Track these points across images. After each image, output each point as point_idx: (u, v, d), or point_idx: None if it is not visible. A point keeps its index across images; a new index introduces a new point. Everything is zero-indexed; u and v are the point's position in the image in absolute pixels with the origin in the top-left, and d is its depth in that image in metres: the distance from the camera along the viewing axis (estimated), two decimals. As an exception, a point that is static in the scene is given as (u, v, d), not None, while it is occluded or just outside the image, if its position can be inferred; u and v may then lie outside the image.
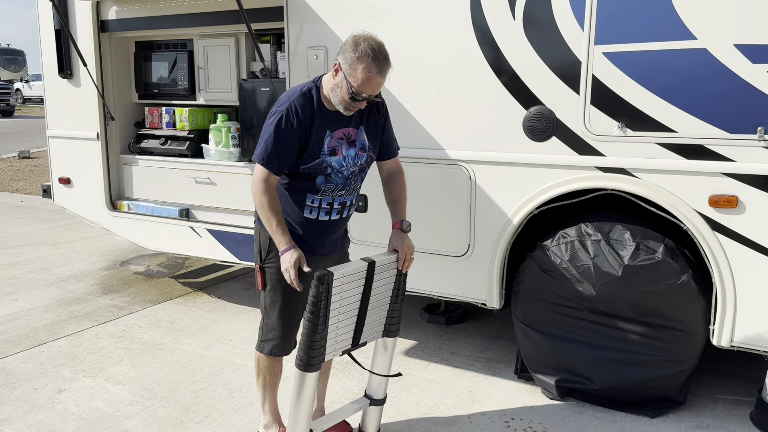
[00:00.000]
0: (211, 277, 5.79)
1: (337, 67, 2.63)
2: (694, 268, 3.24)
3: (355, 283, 2.68)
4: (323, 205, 2.82)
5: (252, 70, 4.67)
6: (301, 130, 2.65)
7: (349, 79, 2.59)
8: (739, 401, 3.50)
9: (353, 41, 2.60)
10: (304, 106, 2.66)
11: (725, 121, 2.99)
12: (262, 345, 2.95)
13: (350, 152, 2.79)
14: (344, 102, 2.66)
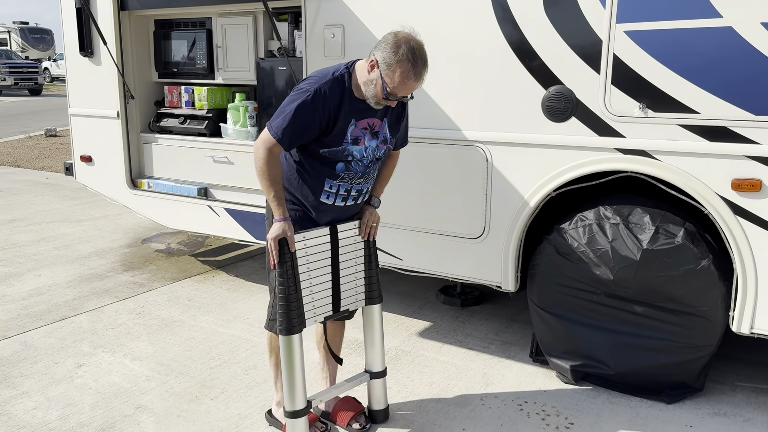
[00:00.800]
0: (229, 256, 5.83)
1: (374, 64, 2.58)
2: (715, 253, 3.17)
3: (321, 247, 2.86)
4: (341, 192, 2.81)
5: (270, 49, 4.65)
6: (324, 115, 2.61)
7: (386, 79, 2.57)
8: (759, 389, 3.44)
9: (394, 41, 2.56)
10: (333, 91, 2.62)
11: (750, 102, 2.90)
12: (271, 324, 2.94)
13: (372, 143, 2.78)
14: (376, 98, 2.65)
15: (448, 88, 3.62)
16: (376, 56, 2.58)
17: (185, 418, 3.17)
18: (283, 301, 2.71)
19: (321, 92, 2.59)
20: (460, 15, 3.52)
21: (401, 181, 3.80)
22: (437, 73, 3.62)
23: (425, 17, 3.62)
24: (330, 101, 2.61)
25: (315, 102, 2.58)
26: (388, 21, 3.74)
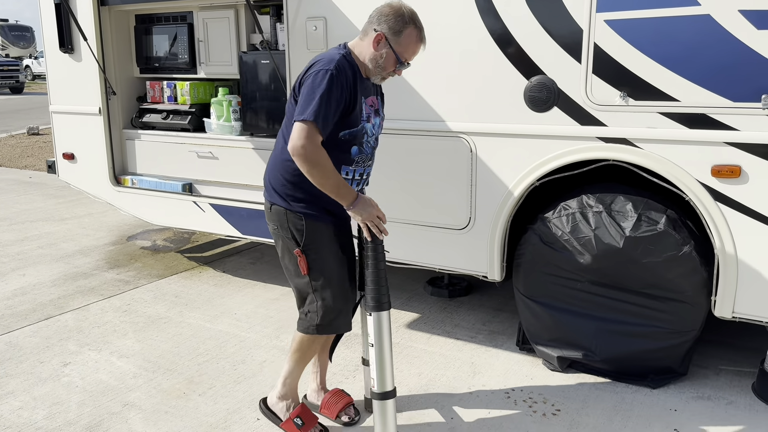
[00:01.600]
0: (216, 252, 5.82)
1: (381, 37, 2.57)
2: (696, 239, 3.20)
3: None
4: (356, 177, 2.76)
5: (252, 42, 4.63)
6: (347, 91, 2.56)
7: (397, 48, 2.59)
8: (742, 372, 3.49)
9: (395, 11, 2.59)
10: (348, 68, 2.58)
11: (729, 89, 2.93)
12: (321, 328, 2.81)
13: (376, 120, 2.81)
14: (385, 72, 2.66)
15: (431, 80, 3.62)
16: (379, 29, 2.57)
17: (173, 415, 3.17)
18: (375, 276, 2.64)
19: (341, 69, 2.53)
20: (441, 6, 3.52)
21: (387, 173, 3.81)
22: (420, 65, 3.62)
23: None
24: (349, 78, 2.56)
25: (340, 78, 2.51)
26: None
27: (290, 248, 2.76)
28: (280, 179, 2.74)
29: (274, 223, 2.79)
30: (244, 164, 4.64)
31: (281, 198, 2.73)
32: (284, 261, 2.86)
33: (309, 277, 2.76)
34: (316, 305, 2.80)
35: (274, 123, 4.46)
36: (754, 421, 3.03)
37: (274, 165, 2.78)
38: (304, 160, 2.48)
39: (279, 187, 2.74)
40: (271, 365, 3.66)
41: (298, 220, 2.71)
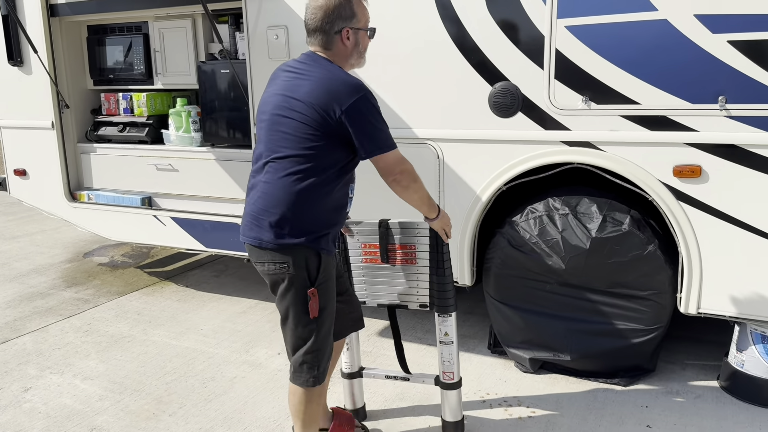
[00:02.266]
0: (178, 266, 5.69)
1: (346, 32, 2.47)
2: (660, 238, 3.28)
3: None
4: (352, 194, 2.69)
5: (210, 51, 4.55)
6: None
7: (360, 25, 2.52)
8: (707, 366, 3.59)
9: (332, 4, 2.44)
10: None
11: (687, 91, 3.01)
12: (316, 378, 2.57)
13: None
14: (364, 51, 2.59)
15: (397, 88, 3.62)
16: (343, 25, 2.46)
17: (144, 436, 3.08)
18: (448, 279, 2.85)
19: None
20: (403, 14, 3.53)
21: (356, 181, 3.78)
22: (385, 73, 3.62)
23: (371, 18, 3.61)
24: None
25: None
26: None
27: (300, 288, 2.47)
28: (294, 212, 2.41)
29: (282, 261, 2.45)
30: (205, 176, 4.55)
31: (297, 232, 2.43)
32: (285, 303, 2.51)
33: (317, 320, 2.51)
34: (312, 355, 2.54)
35: (235, 133, 4.40)
36: (721, 414, 3.12)
37: (282, 198, 2.41)
38: (412, 178, 2.52)
39: (294, 222, 2.42)
40: (242, 381, 3.59)
41: (315, 256, 2.47)
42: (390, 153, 2.45)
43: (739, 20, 2.84)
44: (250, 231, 2.49)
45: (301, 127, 2.38)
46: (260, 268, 2.52)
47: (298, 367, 2.57)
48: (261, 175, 2.47)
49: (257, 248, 2.48)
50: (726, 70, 2.90)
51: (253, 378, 3.62)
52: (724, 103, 2.94)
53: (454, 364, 2.91)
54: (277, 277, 2.48)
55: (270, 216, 2.41)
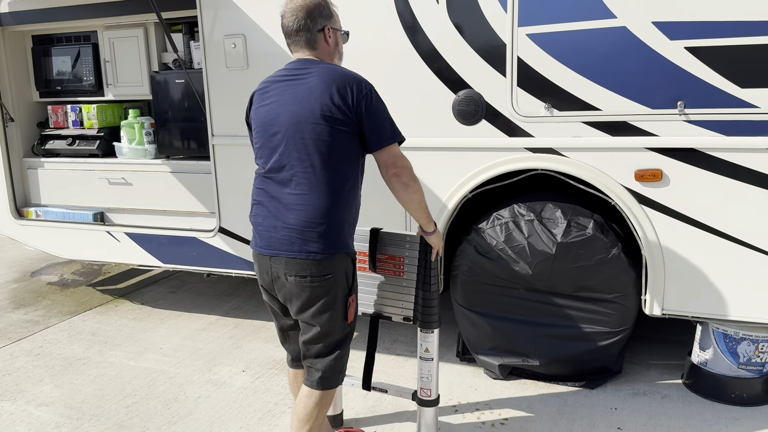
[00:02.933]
0: (132, 283, 5.50)
1: (328, 31, 2.52)
2: (623, 241, 3.34)
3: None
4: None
5: (164, 61, 4.43)
6: None
7: (338, 27, 2.59)
8: (670, 365, 3.66)
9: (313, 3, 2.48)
10: None
11: (647, 97, 3.08)
12: (342, 377, 2.65)
13: None
14: (342, 54, 2.66)
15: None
16: (326, 24, 2.51)
17: (106, 464, 2.94)
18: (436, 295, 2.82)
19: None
20: (366, 23, 3.50)
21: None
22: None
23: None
24: None
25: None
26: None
27: (342, 297, 2.49)
28: (340, 220, 2.44)
29: (328, 273, 2.43)
30: (160, 189, 4.42)
31: (341, 241, 2.45)
32: (325, 314, 2.47)
33: (352, 323, 2.58)
34: (345, 354, 2.62)
35: (191, 144, 4.28)
36: (688, 412, 3.18)
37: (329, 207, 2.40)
38: (412, 177, 2.49)
39: (338, 230, 2.44)
40: (207, 401, 3.48)
41: (351, 263, 2.54)
42: (397, 145, 2.48)
43: (695, 27, 2.91)
44: (292, 245, 2.41)
45: (326, 130, 2.37)
46: (298, 281, 2.43)
47: (328, 371, 2.57)
48: (289, 188, 2.43)
49: (301, 260, 2.41)
50: (684, 76, 2.98)
51: (218, 397, 3.51)
52: (683, 108, 3.01)
53: (432, 380, 2.87)
54: (321, 289, 2.44)
55: (318, 227, 2.39)
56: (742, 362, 3.20)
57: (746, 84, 2.89)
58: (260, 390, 3.57)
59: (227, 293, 5.13)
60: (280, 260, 2.45)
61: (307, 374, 2.62)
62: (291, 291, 2.48)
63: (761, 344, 3.17)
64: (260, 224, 2.51)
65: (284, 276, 2.46)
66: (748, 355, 3.18)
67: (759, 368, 3.21)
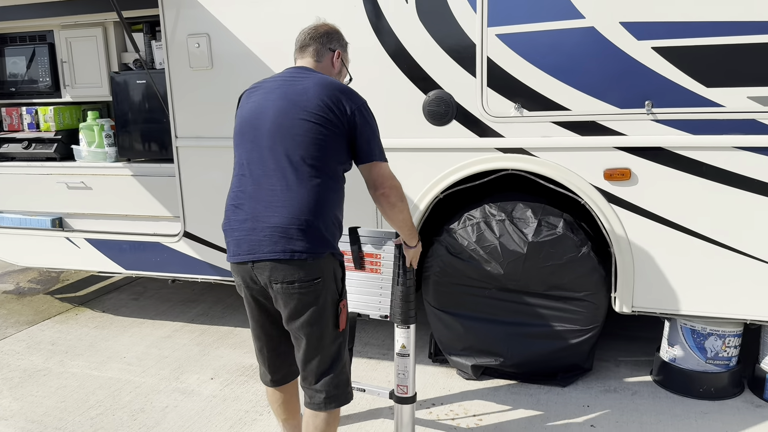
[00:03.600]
0: (92, 290, 5.33)
1: (339, 55, 2.59)
2: (593, 239, 3.37)
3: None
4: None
5: (124, 61, 4.30)
6: None
7: (346, 63, 2.66)
8: (640, 362, 3.71)
9: (336, 30, 2.61)
10: None
11: (615, 96, 3.11)
12: (348, 395, 2.47)
13: None
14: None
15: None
16: (334, 47, 2.58)
17: (71, 480, 2.83)
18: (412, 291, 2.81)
19: None
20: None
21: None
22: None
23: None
24: None
25: None
26: (259, 28, 3.60)
27: (331, 303, 2.36)
28: (324, 218, 2.31)
29: (315, 276, 2.29)
30: (122, 193, 4.29)
31: (327, 241, 2.33)
32: (316, 323, 2.33)
33: (344, 331, 2.41)
34: (344, 366, 2.45)
35: (153, 147, 4.17)
36: (658, 408, 3.23)
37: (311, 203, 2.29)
38: (400, 196, 2.47)
39: (324, 229, 2.31)
40: (175, 410, 3.38)
41: (339, 266, 2.41)
42: (386, 163, 2.46)
43: (662, 27, 2.96)
44: (275, 245, 2.26)
45: (314, 128, 2.31)
46: (285, 288, 2.29)
47: (333, 389, 2.40)
48: (271, 184, 2.31)
49: (286, 263, 2.26)
50: (651, 76, 3.02)
51: (187, 406, 3.42)
52: (650, 108, 3.05)
53: (409, 377, 2.86)
54: (310, 296, 2.30)
55: (303, 223, 2.26)
56: (710, 357, 3.26)
57: (712, 83, 2.94)
58: (230, 398, 3.49)
59: (192, 299, 5.02)
60: (263, 266, 2.30)
61: (308, 396, 2.44)
62: (276, 300, 2.34)
63: (728, 339, 3.24)
64: (235, 230, 2.37)
65: (269, 284, 2.32)
66: (715, 350, 3.25)
67: (726, 362, 3.27)
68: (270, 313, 2.47)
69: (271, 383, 2.65)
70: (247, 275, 2.38)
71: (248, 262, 2.33)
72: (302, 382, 2.46)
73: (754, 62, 2.89)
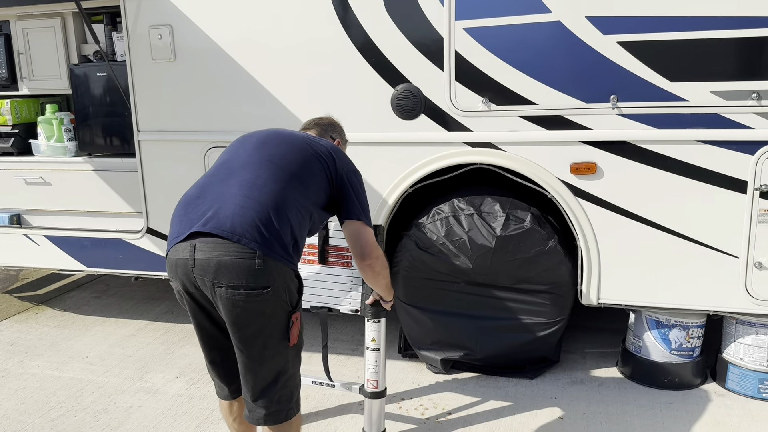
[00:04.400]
0: (52, 289, 5.19)
1: (338, 144, 2.74)
2: (559, 233, 3.39)
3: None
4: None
5: (84, 53, 4.18)
6: None
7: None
8: (606, 353, 3.77)
9: (339, 123, 2.82)
10: None
11: (581, 91, 3.13)
12: (298, 404, 2.33)
13: None
14: None
15: (297, 92, 3.50)
16: (337, 137, 2.77)
17: (31, 484, 2.75)
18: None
19: None
20: (303, 17, 3.41)
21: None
22: (287, 77, 3.49)
23: (265, 18, 3.47)
24: None
25: None
26: (223, 20, 3.54)
27: (282, 315, 2.17)
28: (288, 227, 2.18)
29: (264, 284, 2.09)
30: (82, 189, 4.18)
31: (286, 252, 2.16)
32: (263, 336, 2.14)
33: (296, 346, 2.25)
34: (290, 382, 2.26)
35: (114, 141, 4.07)
36: (624, 399, 3.27)
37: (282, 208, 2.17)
38: (384, 264, 2.51)
39: (286, 236, 2.16)
40: (140, 410, 3.31)
41: (296, 278, 2.23)
42: (371, 229, 2.45)
43: (627, 22, 2.99)
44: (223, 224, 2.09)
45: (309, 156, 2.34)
46: (228, 294, 2.08)
47: (275, 404, 2.23)
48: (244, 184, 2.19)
49: (236, 257, 2.06)
50: (616, 70, 3.05)
51: (152, 406, 3.35)
52: (615, 102, 3.08)
53: (379, 372, 2.84)
54: (255, 305, 2.10)
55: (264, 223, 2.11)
56: (674, 348, 3.32)
57: (676, 78, 2.98)
58: (196, 396, 3.43)
59: (156, 297, 4.92)
60: (205, 247, 2.07)
61: (247, 409, 2.27)
62: (218, 305, 2.14)
63: (691, 330, 3.30)
64: (183, 216, 2.19)
65: (212, 287, 2.09)
66: (679, 340, 3.30)
67: (690, 353, 3.34)
68: (215, 319, 2.26)
69: (231, 395, 2.44)
70: (188, 280, 2.16)
71: (186, 242, 2.12)
72: (243, 393, 2.28)
73: (716, 57, 2.94)
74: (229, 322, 2.14)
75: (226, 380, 2.41)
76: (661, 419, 3.07)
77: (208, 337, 2.32)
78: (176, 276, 2.19)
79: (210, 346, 2.34)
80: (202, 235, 2.11)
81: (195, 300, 2.22)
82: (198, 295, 2.19)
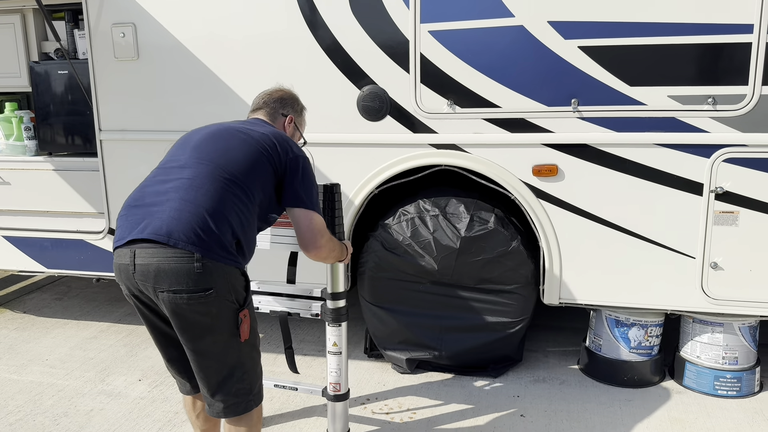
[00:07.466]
0: (12, 290, 5.08)
1: (291, 120, 2.65)
2: (522, 234, 3.45)
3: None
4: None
5: (45, 51, 4.10)
6: None
7: (300, 127, 2.71)
8: (567, 351, 3.83)
9: (291, 93, 2.70)
10: None
11: (543, 94, 3.19)
12: (258, 396, 2.32)
13: None
14: None
15: (260, 90, 3.48)
16: (287, 112, 2.65)
17: (-13, 490, 2.69)
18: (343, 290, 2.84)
19: None
20: (268, 18, 3.40)
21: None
22: (252, 77, 3.48)
23: (230, 18, 3.45)
24: None
25: None
26: (188, 19, 3.51)
27: (229, 313, 2.16)
28: (227, 225, 2.14)
29: (205, 286, 2.08)
30: (42, 188, 4.10)
31: (227, 251, 2.13)
32: (212, 336, 2.14)
33: (248, 341, 2.23)
34: (247, 375, 2.26)
35: (76, 140, 4.00)
36: (585, 396, 3.34)
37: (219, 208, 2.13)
38: (330, 250, 2.50)
39: (225, 237, 2.13)
40: (101, 414, 3.26)
41: (239, 280, 2.20)
42: (317, 216, 2.41)
43: (588, 27, 3.05)
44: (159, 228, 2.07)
45: (252, 149, 2.30)
46: (170, 297, 2.07)
47: (232, 397, 2.23)
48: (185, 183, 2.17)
49: (176, 261, 2.04)
50: (577, 74, 3.11)
51: (113, 409, 3.30)
52: (576, 106, 3.14)
53: (342, 374, 2.85)
54: (199, 307, 2.08)
55: (203, 233, 2.08)
56: (633, 346, 3.39)
57: (634, 82, 3.06)
58: (158, 399, 3.39)
59: (119, 298, 4.85)
60: (144, 253, 2.07)
61: (207, 404, 2.28)
62: (161, 308, 2.14)
63: (650, 328, 3.38)
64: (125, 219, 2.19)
65: (154, 292, 2.09)
66: (638, 339, 3.38)
67: (648, 351, 3.42)
68: (165, 318, 2.22)
69: (193, 390, 2.44)
70: (132, 284, 2.16)
71: (127, 245, 2.12)
72: (201, 389, 2.28)
73: (674, 63, 3.02)
74: (176, 325, 2.14)
75: (186, 375, 2.42)
76: (620, 416, 3.14)
77: (161, 335, 2.32)
78: (121, 280, 2.21)
79: (165, 344, 2.35)
80: (141, 242, 2.10)
81: (142, 302, 2.23)
82: (144, 297, 2.20)
